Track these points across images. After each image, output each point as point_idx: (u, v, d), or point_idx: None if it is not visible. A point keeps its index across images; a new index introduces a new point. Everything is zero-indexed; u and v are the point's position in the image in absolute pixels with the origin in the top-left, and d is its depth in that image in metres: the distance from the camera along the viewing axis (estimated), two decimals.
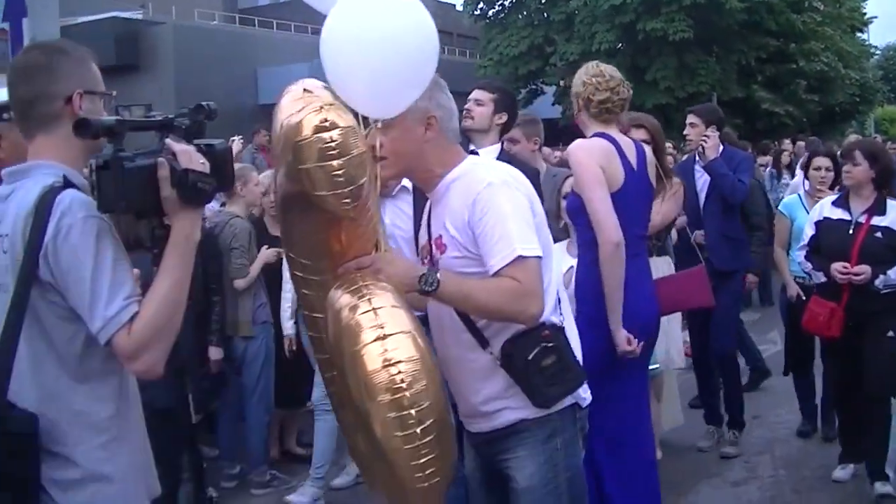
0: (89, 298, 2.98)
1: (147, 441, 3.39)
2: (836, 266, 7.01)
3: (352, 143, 3.31)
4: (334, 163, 3.26)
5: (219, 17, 45.72)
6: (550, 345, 3.82)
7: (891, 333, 7.02)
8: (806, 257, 7.42)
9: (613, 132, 5.75)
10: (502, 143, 6.39)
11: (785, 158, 17.81)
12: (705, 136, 8.36)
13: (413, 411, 3.20)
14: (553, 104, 36.85)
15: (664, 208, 7.09)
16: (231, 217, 7.89)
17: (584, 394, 4.06)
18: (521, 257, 3.63)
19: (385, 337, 3.23)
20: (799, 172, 17.56)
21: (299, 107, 3.69)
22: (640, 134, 7.01)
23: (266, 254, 7.93)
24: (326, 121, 3.29)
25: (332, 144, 3.26)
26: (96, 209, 3.08)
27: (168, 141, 3.17)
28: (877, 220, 7.11)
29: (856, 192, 7.25)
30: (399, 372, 3.19)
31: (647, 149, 6.04)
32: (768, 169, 17.38)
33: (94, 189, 3.09)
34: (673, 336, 7.57)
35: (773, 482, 7.76)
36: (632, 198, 5.63)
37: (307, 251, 3.64)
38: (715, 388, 8.66)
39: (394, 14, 3.54)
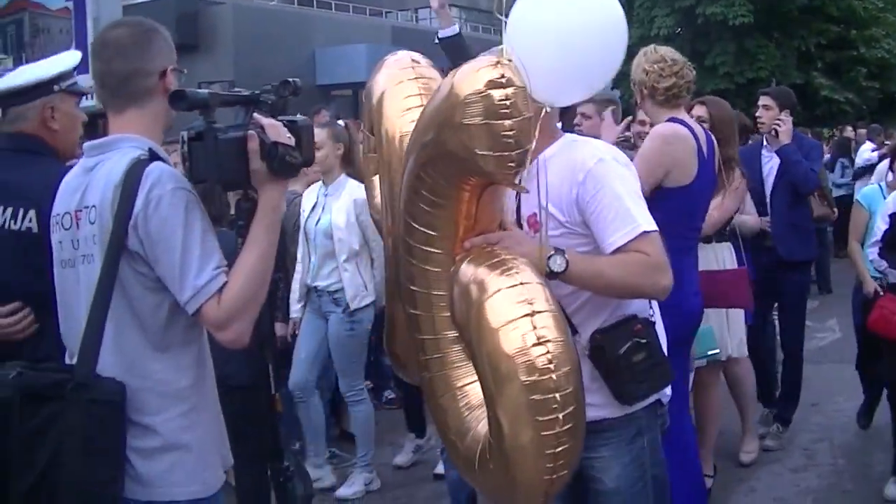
0: (179, 268, 3.05)
1: (220, 411, 3.46)
2: None
3: (523, 104, 3.06)
4: (506, 122, 3.02)
5: None
6: (643, 341, 3.71)
7: None
8: (880, 254, 6.85)
9: (685, 116, 5.70)
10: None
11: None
12: (779, 119, 8.13)
13: (558, 395, 2.96)
14: (611, 88, 36.68)
15: (725, 203, 6.88)
16: (295, 196, 7.90)
17: (667, 389, 3.95)
18: (645, 232, 3.55)
19: (534, 314, 2.99)
20: (861, 159, 17.59)
21: (410, 75, 3.69)
22: (699, 111, 6.88)
23: None
24: (503, 77, 3.04)
25: (507, 102, 3.02)
26: (184, 181, 3.16)
27: (257, 115, 3.25)
28: None
29: None
30: (547, 352, 2.95)
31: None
32: (827, 157, 17.30)
33: (185, 160, 3.18)
34: (733, 324, 7.38)
35: (833, 470, 7.76)
36: (700, 190, 5.58)
37: (432, 220, 3.35)
38: (772, 375, 8.65)
39: (601, 5, 3.51)
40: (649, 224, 3.59)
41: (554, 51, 3.38)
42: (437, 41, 5.87)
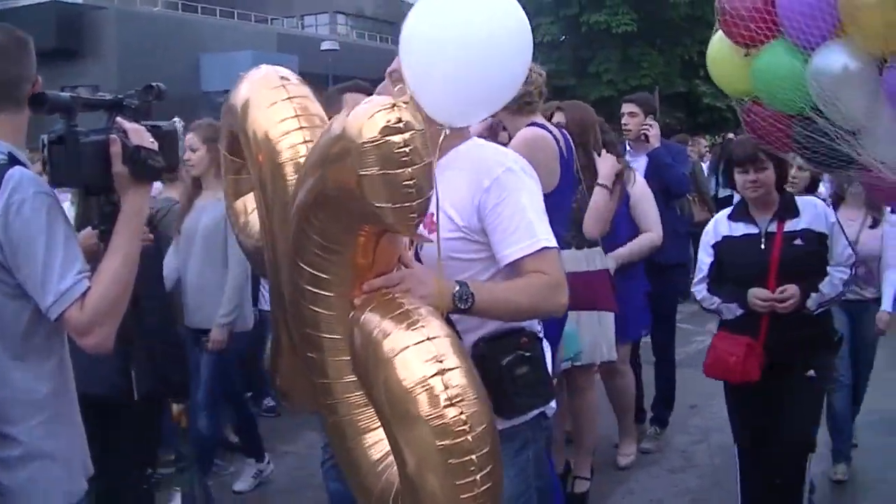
0: (41, 274, 3.00)
1: (80, 420, 3.39)
2: (756, 293, 5.60)
3: (423, 149, 2.79)
4: (406, 171, 2.75)
5: (161, 2, 45.42)
6: (527, 354, 3.58)
7: (811, 373, 5.71)
8: (709, 290, 5.97)
9: (541, 120, 5.67)
10: None
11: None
12: (646, 124, 8.29)
13: (475, 457, 2.75)
14: None
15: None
16: (173, 203, 7.80)
17: (552, 402, 3.86)
18: (545, 248, 3.47)
19: (444, 372, 2.78)
20: None
21: (283, 95, 3.48)
22: (559, 117, 6.74)
23: None
24: (400, 121, 2.76)
25: (406, 150, 2.75)
26: (46, 186, 3.12)
27: (119, 119, 3.23)
28: (791, 225, 5.72)
29: (759, 199, 5.77)
30: (461, 413, 2.75)
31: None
32: (707, 164, 17.55)
33: (45, 164, 3.14)
34: (604, 328, 7.22)
35: (711, 471, 7.82)
36: (563, 195, 5.52)
37: (324, 263, 3.11)
38: (639, 384, 8.64)
39: (500, 15, 3.28)
40: (550, 240, 3.51)
41: (452, 67, 3.19)
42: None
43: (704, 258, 6.01)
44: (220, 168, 6.23)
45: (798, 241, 5.66)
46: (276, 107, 3.49)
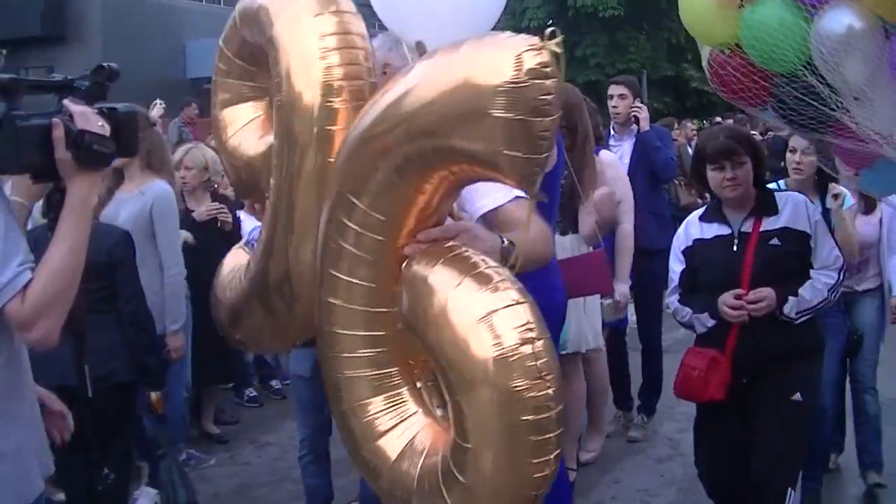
0: None
1: (41, 419, 3.28)
2: (725, 298, 5.09)
3: (558, 100, 2.59)
4: (545, 120, 2.53)
5: None
6: None
7: (797, 396, 5.12)
8: (681, 301, 5.43)
9: None
10: None
11: None
12: (636, 107, 8.24)
13: (553, 436, 2.59)
14: None
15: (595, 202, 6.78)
16: None
17: None
18: (519, 197, 3.38)
19: (534, 341, 2.56)
20: None
21: (330, 7, 3.21)
22: None
23: (184, 235, 7.47)
24: (547, 66, 2.53)
25: (548, 98, 2.53)
26: None
27: (66, 102, 3.05)
28: (768, 224, 5.20)
29: (737, 198, 5.28)
30: (549, 387, 2.55)
31: None
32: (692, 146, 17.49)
33: None
34: (590, 315, 7.24)
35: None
36: (559, 174, 5.34)
37: (386, 204, 2.86)
38: (626, 372, 8.58)
39: None
40: (522, 192, 3.41)
41: None
42: None
43: (675, 266, 5.53)
44: (145, 159, 6.12)
45: (775, 241, 5.17)
46: (320, 19, 3.24)
